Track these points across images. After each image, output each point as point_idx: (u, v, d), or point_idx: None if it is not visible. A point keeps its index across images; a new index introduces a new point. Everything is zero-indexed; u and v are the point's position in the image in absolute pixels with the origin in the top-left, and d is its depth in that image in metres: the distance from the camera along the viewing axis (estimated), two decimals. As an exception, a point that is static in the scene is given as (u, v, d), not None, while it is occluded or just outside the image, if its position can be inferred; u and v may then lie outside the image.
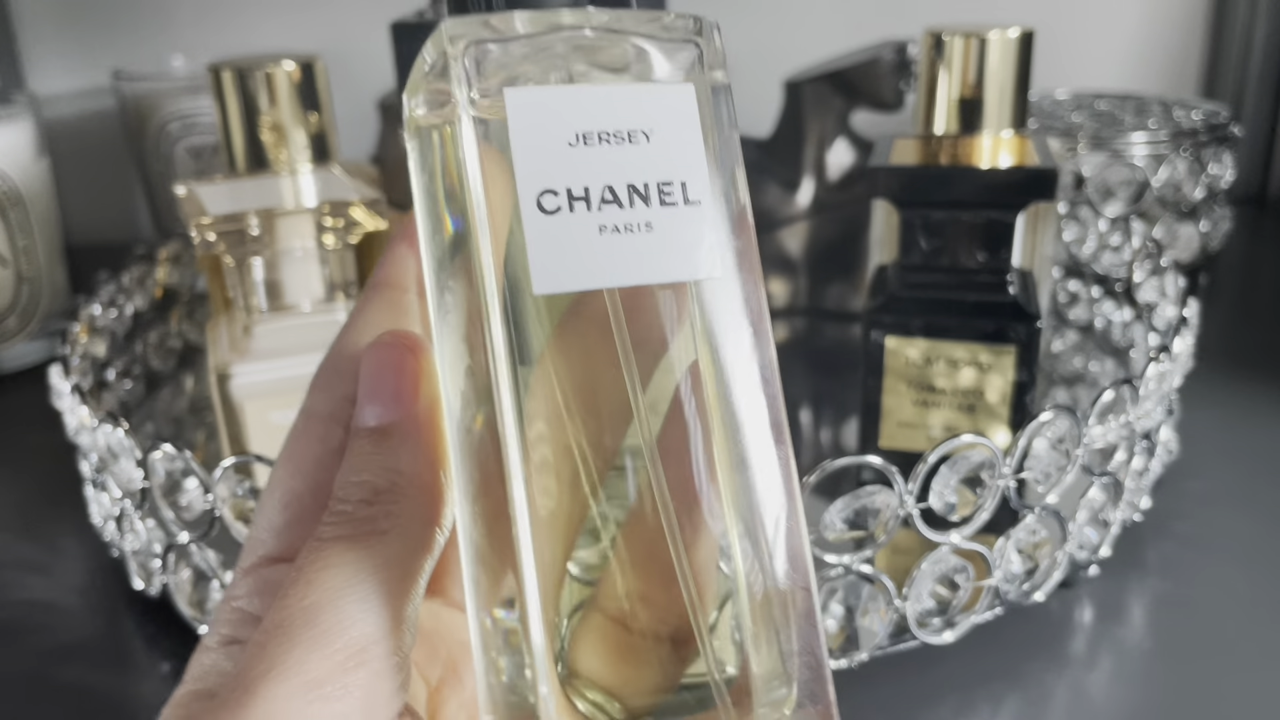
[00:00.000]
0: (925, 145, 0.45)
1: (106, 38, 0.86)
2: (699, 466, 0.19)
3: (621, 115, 0.19)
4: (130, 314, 0.56)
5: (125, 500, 0.39)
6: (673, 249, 0.18)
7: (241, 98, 0.49)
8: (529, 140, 0.18)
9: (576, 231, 0.18)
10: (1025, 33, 0.44)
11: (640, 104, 0.19)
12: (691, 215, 0.19)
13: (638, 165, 0.18)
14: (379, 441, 0.20)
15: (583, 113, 0.18)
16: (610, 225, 0.18)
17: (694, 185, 0.19)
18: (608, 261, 0.18)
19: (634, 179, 0.18)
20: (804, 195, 0.65)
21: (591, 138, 0.18)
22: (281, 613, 0.18)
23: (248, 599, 0.20)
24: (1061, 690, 0.36)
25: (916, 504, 0.34)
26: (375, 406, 0.20)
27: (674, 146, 0.19)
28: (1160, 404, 0.41)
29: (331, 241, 0.46)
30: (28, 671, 0.39)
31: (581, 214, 0.18)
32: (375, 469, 0.19)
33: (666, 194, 0.19)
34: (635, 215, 0.18)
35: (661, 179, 0.19)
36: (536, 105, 0.18)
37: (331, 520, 0.19)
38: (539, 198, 0.18)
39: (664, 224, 0.18)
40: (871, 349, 0.45)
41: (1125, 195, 0.66)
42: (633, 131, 0.19)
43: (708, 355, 0.19)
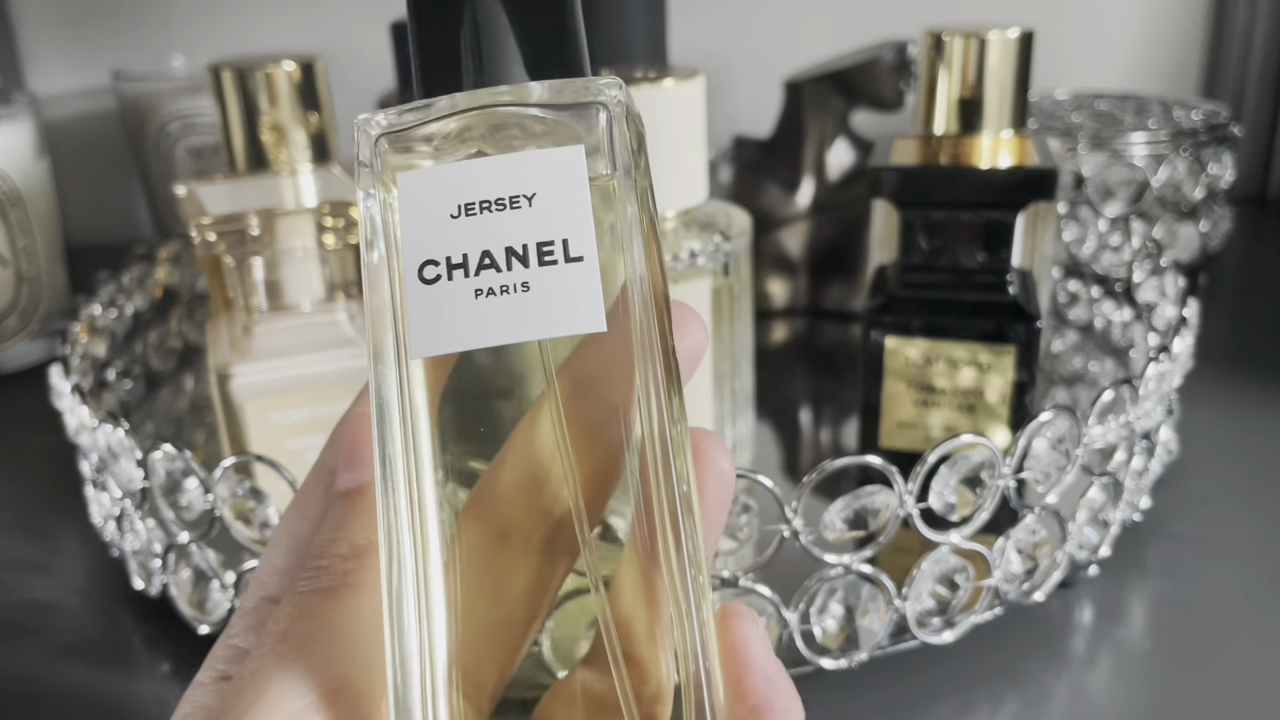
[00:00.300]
0: (925, 145, 0.45)
1: (106, 38, 0.86)
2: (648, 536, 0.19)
3: (504, 182, 0.19)
4: (130, 314, 0.56)
5: (125, 500, 0.39)
6: (549, 305, 0.19)
7: (241, 98, 0.49)
8: (414, 216, 0.19)
9: (452, 298, 0.19)
10: (1025, 33, 0.44)
11: (525, 169, 0.19)
12: (572, 271, 0.19)
13: (517, 229, 0.19)
14: (354, 503, 0.21)
15: (466, 185, 0.19)
16: (485, 289, 0.19)
17: (577, 242, 0.19)
18: (481, 323, 0.19)
19: (513, 241, 0.19)
20: (804, 195, 0.65)
21: (473, 207, 0.19)
22: (257, 660, 0.19)
23: (242, 636, 0.21)
24: (1061, 690, 0.36)
25: (916, 504, 0.34)
26: (350, 473, 0.21)
27: (557, 206, 0.19)
28: (1160, 404, 0.41)
29: (331, 241, 0.46)
30: (28, 671, 0.39)
31: (459, 281, 0.19)
32: (350, 529, 0.20)
33: (546, 253, 0.19)
34: (511, 277, 0.19)
35: (541, 239, 0.19)
36: (422, 183, 0.19)
37: (308, 575, 0.20)
38: (420, 269, 0.19)
39: (541, 282, 0.19)
40: (871, 349, 0.45)
41: (1125, 195, 0.66)
42: (515, 197, 0.19)
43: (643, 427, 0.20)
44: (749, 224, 0.47)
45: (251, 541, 0.36)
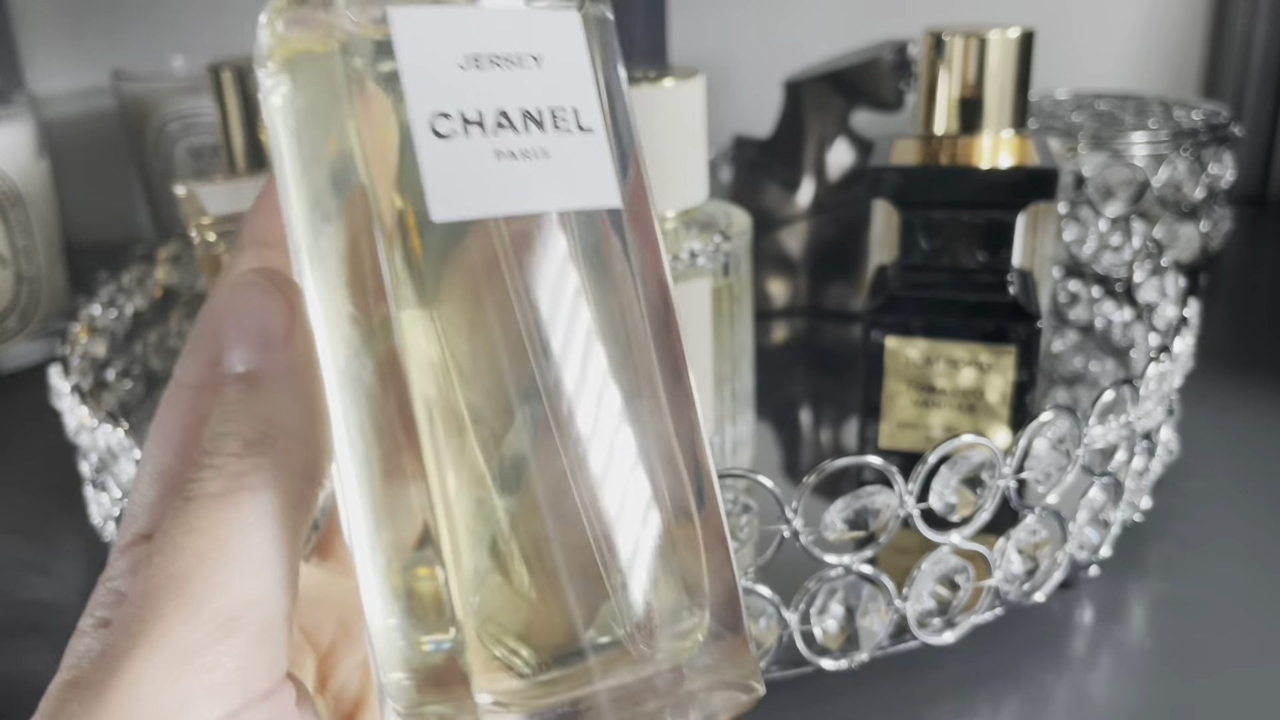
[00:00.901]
0: (925, 145, 0.45)
1: (106, 38, 0.86)
2: (597, 404, 0.18)
3: (511, 38, 0.18)
4: (130, 314, 0.56)
5: (125, 500, 0.39)
6: (570, 175, 0.18)
7: (241, 98, 0.49)
8: (418, 62, 0.17)
9: (472, 156, 0.17)
10: (1025, 33, 0.44)
11: (528, 28, 0.18)
12: (587, 142, 0.18)
13: (531, 90, 0.18)
14: (248, 389, 0.18)
15: (472, 34, 0.18)
16: (507, 150, 0.17)
17: (586, 113, 0.18)
18: (506, 187, 0.17)
19: (528, 103, 0.18)
20: (804, 195, 0.65)
21: (483, 60, 0.18)
22: (146, 583, 0.17)
23: (122, 578, 0.19)
24: (1061, 690, 0.36)
25: (916, 504, 0.34)
26: (243, 349, 0.18)
27: (564, 73, 0.18)
28: (1160, 404, 0.41)
29: (331, 241, 0.46)
30: (28, 671, 0.39)
31: (477, 138, 0.17)
32: (244, 418, 0.18)
33: (561, 120, 0.18)
34: (531, 140, 0.18)
35: (555, 104, 0.18)
36: (424, 25, 0.17)
37: (198, 476, 0.18)
38: (432, 121, 0.17)
39: (560, 150, 0.18)
40: (871, 349, 0.45)
41: (1125, 195, 0.66)
42: (523, 55, 0.18)
43: (605, 285, 0.18)
44: (749, 224, 0.47)
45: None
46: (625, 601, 0.18)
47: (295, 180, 0.19)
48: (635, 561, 0.18)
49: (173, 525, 0.17)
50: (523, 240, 0.18)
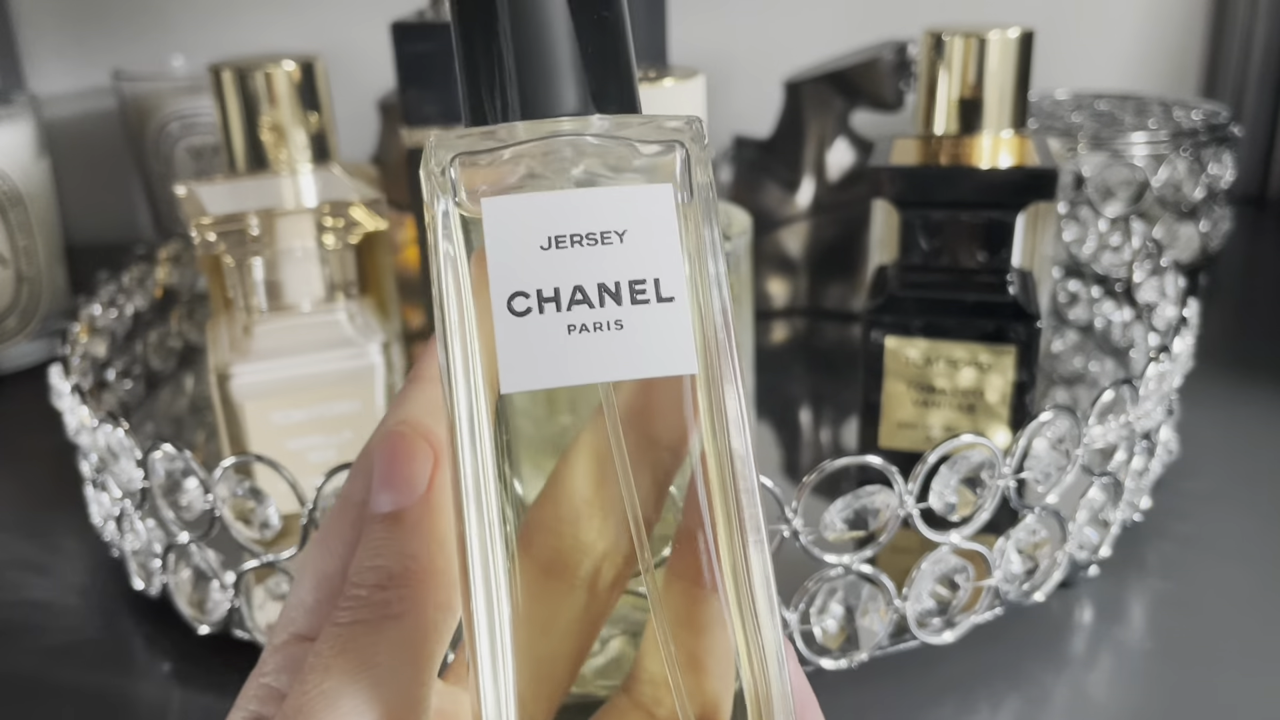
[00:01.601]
0: (925, 145, 0.45)
1: (106, 38, 0.86)
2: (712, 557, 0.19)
3: (595, 217, 0.19)
4: (130, 314, 0.56)
5: (125, 500, 0.39)
6: (643, 345, 0.19)
7: (241, 98, 0.49)
8: (502, 245, 0.19)
9: (545, 331, 0.18)
10: (1025, 33, 0.44)
11: (615, 205, 0.19)
12: (665, 312, 0.19)
13: (609, 265, 0.19)
14: (391, 527, 0.20)
15: (555, 217, 0.19)
16: (579, 325, 0.19)
17: (667, 282, 0.19)
18: (575, 359, 0.18)
19: (605, 278, 0.19)
20: (804, 195, 0.65)
21: (564, 240, 0.19)
22: (301, 698, 0.19)
23: (275, 675, 0.20)
24: (1061, 690, 0.36)
25: (916, 504, 0.34)
26: (388, 494, 0.20)
27: (648, 245, 0.19)
28: (1160, 404, 0.41)
29: (331, 241, 0.46)
30: (28, 671, 0.39)
31: (551, 314, 0.19)
32: (389, 555, 0.20)
33: (639, 292, 0.19)
34: (605, 314, 0.19)
35: (634, 277, 0.19)
36: (511, 211, 0.19)
37: (347, 605, 0.20)
38: (509, 300, 0.19)
39: (635, 321, 0.19)
40: (871, 349, 0.45)
41: (1125, 195, 0.66)
42: (606, 232, 0.19)
43: (711, 451, 0.20)
44: (749, 224, 0.47)
45: (251, 541, 0.36)
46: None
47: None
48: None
49: (325, 646, 0.19)
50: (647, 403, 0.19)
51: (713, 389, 0.19)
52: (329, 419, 0.45)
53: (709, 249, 0.20)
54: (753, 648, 0.19)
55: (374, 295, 0.50)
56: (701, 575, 0.19)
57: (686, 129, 0.20)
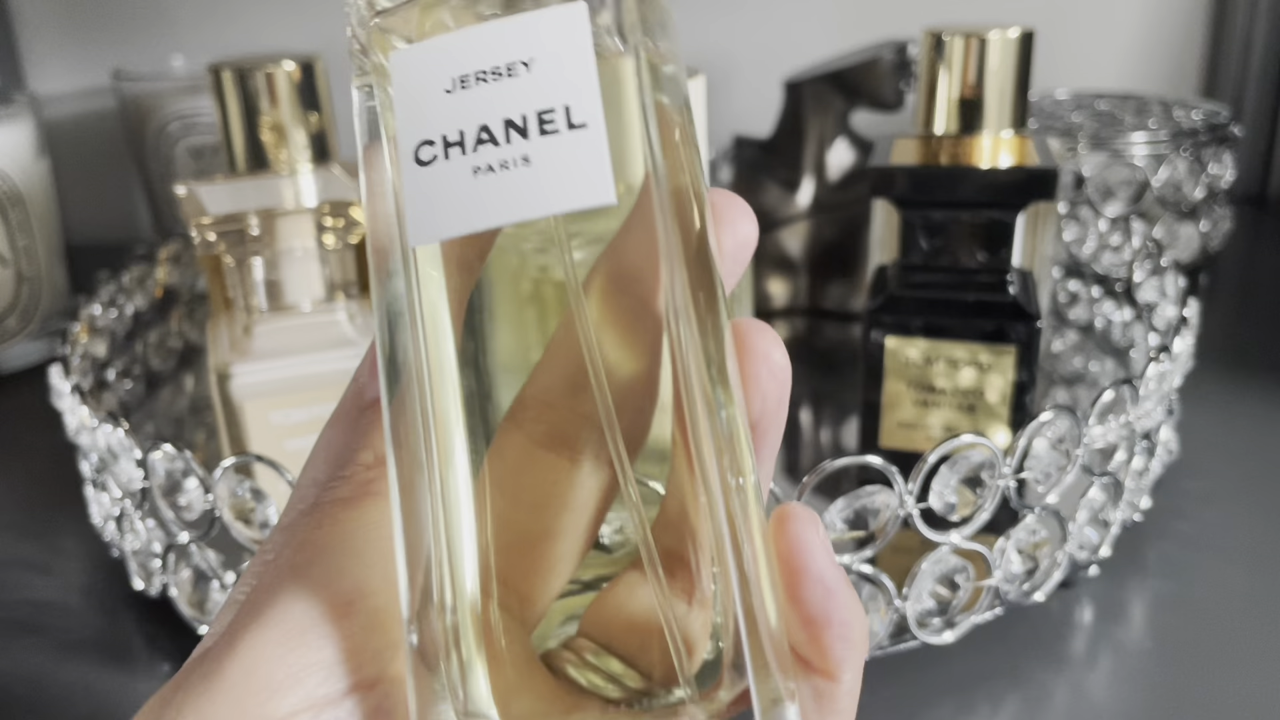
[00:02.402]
0: (925, 145, 0.45)
1: (106, 38, 0.86)
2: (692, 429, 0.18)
3: (501, 50, 0.18)
4: (130, 314, 0.56)
5: (125, 500, 0.39)
6: (554, 179, 0.17)
7: (242, 98, 0.49)
8: (408, 96, 0.18)
9: (450, 178, 0.17)
10: (1025, 33, 0.44)
11: (522, 34, 0.18)
12: (577, 140, 0.17)
13: (515, 98, 0.17)
14: (379, 413, 0.20)
15: (459, 57, 0.18)
16: (484, 165, 0.17)
17: (579, 108, 0.17)
18: (482, 203, 0.17)
19: (510, 113, 0.17)
20: (804, 195, 0.65)
21: (469, 80, 0.18)
22: (274, 571, 0.18)
23: (277, 551, 0.20)
24: (1061, 690, 0.36)
25: (916, 504, 0.34)
26: (376, 380, 0.20)
27: (558, 71, 0.18)
28: (1160, 404, 0.41)
29: (332, 241, 0.46)
30: (28, 671, 0.39)
31: (456, 159, 0.17)
32: (375, 438, 0.20)
33: (547, 122, 0.17)
34: (510, 151, 0.17)
35: (541, 108, 0.17)
36: (416, 60, 0.18)
37: (331, 485, 0.19)
38: (416, 151, 0.18)
39: (543, 154, 0.17)
40: (871, 349, 0.45)
41: (1125, 195, 0.66)
42: (512, 64, 0.18)
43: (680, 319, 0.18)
44: (749, 224, 0.47)
45: (251, 541, 0.36)
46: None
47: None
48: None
49: (305, 520, 0.19)
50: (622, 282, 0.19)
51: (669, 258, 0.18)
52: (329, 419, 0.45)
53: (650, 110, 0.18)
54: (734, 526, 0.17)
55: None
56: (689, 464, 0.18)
57: None
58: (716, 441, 0.17)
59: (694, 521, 0.18)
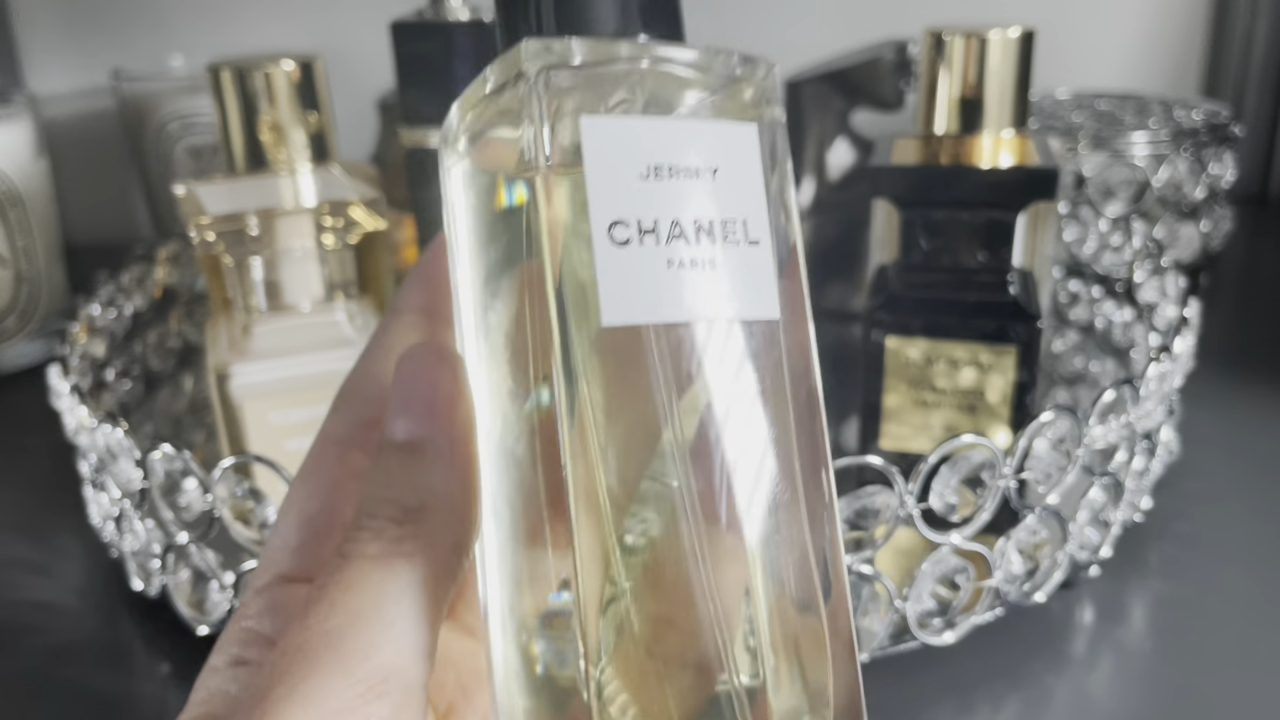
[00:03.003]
0: (925, 145, 0.45)
1: (106, 38, 0.86)
2: (725, 491, 0.19)
3: (691, 150, 0.18)
4: (129, 314, 0.56)
5: (125, 500, 0.39)
6: (736, 287, 0.18)
7: (241, 98, 0.49)
8: (603, 169, 0.18)
9: (645, 264, 0.18)
10: (1025, 33, 0.44)
11: (708, 140, 0.19)
12: (752, 255, 0.19)
13: (705, 201, 0.18)
14: (410, 457, 0.19)
15: (654, 145, 0.18)
16: (678, 260, 0.18)
17: (754, 225, 0.19)
18: (675, 296, 0.18)
19: (701, 215, 0.18)
20: (804, 195, 0.65)
21: (663, 171, 0.18)
22: (303, 634, 0.18)
23: (258, 619, 0.19)
24: (1062, 690, 0.36)
25: (917, 504, 0.34)
26: (408, 420, 0.19)
27: (737, 185, 0.19)
28: (1161, 404, 0.41)
29: (331, 241, 0.46)
30: (28, 671, 0.39)
31: (650, 247, 0.18)
32: (405, 486, 0.19)
33: (730, 232, 0.18)
34: (701, 251, 0.18)
35: (726, 217, 0.18)
36: (612, 134, 0.18)
37: (358, 536, 0.18)
38: (610, 228, 0.18)
39: (728, 262, 0.18)
40: (871, 349, 0.45)
41: (1126, 195, 0.66)
42: (700, 168, 0.18)
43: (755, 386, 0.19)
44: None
45: (251, 542, 0.36)
46: (741, 698, 0.18)
47: (470, 255, 0.20)
48: (755, 655, 0.18)
49: (330, 581, 0.18)
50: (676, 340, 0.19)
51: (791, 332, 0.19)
52: (328, 419, 0.45)
53: (783, 191, 0.19)
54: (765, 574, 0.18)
55: (373, 295, 0.50)
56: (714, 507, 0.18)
57: (764, 74, 0.19)
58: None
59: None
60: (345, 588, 0.18)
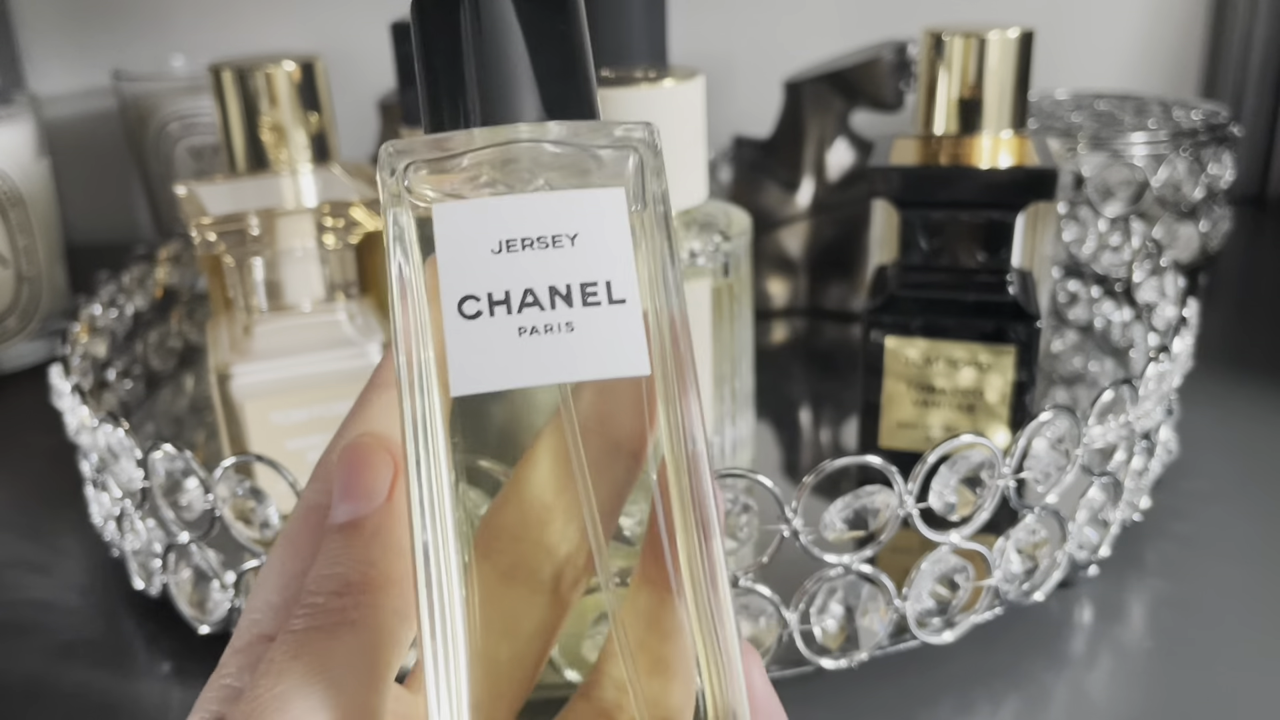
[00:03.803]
0: (925, 145, 0.45)
1: (106, 38, 0.86)
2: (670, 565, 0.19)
3: (546, 220, 0.19)
4: (130, 314, 0.56)
5: (125, 500, 0.39)
6: (595, 347, 0.19)
7: (242, 98, 0.49)
8: (453, 249, 0.19)
9: (495, 334, 0.19)
10: (1025, 33, 0.44)
11: (567, 209, 0.19)
12: (616, 314, 0.19)
13: (560, 267, 0.19)
14: (351, 536, 0.20)
15: (506, 220, 0.19)
16: (529, 327, 0.19)
17: (619, 284, 0.19)
18: (526, 361, 0.19)
19: (555, 280, 0.19)
20: (804, 195, 0.65)
21: (515, 244, 0.19)
22: (253, 701, 0.19)
23: (236, 676, 0.20)
24: (1061, 690, 0.36)
25: (916, 504, 0.34)
26: (348, 504, 0.20)
27: (600, 248, 0.19)
28: (1160, 404, 0.41)
29: (332, 241, 0.46)
30: (28, 671, 0.39)
31: (501, 317, 0.19)
32: (347, 562, 0.20)
33: (590, 294, 0.19)
34: (556, 316, 0.19)
35: (585, 279, 0.19)
36: (462, 216, 0.19)
37: (303, 612, 0.19)
38: (460, 303, 0.19)
39: (586, 323, 0.19)
40: (871, 349, 0.45)
41: (1125, 195, 0.66)
42: (557, 235, 0.19)
43: (670, 457, 0.20)
44: (749, 224, 0.47)
45: (251, 541, 0.36)
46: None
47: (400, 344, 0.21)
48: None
49: (279, 652, 0.19)
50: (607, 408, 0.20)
51: (669, 393, 0.19)
52: (329, 419, 0.45)
53: (664, 257, 0.20)
54: (710, 652, 0.19)
55: (374, 295, 0.50)
56: (668, 580, 0.19)
57: (641, 136, 0.20)
58: (704, 565, 0.19)
59: (661, 645, 0.19)
60: (293, 655, 0.19)
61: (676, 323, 0.20)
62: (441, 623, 0.18)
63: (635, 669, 0.20)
